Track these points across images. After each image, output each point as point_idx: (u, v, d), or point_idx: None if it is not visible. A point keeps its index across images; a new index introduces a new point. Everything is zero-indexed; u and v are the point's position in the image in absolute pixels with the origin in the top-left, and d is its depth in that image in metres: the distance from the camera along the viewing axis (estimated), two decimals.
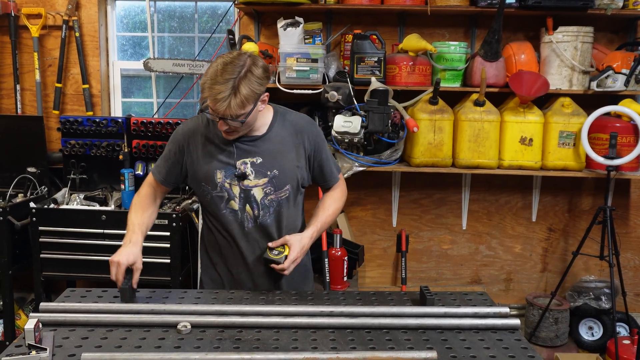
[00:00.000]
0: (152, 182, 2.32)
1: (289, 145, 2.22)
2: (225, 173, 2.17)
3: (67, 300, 2.05)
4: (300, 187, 2.29)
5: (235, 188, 2.18)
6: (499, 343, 1.73)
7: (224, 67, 1.96)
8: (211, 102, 1.99)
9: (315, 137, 2.28)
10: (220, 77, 1.95)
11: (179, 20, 4.38)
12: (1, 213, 3.56)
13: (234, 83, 1.94)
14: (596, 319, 3.91)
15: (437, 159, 3.64)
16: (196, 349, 1.66)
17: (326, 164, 2.32)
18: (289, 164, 2.21)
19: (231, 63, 1.97)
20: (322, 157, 2.30)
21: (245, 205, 2.19)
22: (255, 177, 2.17)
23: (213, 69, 1.98)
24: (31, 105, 4.25)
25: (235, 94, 1.95)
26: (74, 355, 1.60)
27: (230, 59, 1.99)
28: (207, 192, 2.21)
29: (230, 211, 2.20)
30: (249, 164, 2.18)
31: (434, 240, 4.27)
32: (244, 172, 2.17)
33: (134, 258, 2.07)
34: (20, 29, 4.15)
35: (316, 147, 2.27)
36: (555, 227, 4.23)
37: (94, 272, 3.62)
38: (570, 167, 3.66)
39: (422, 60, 3.67)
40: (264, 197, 2.19)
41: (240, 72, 1.96)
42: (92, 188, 4.02)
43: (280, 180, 2.19)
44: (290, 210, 2.26)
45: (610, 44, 3.95)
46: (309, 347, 1.67)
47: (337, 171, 2.39)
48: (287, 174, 2.20)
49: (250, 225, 2.21)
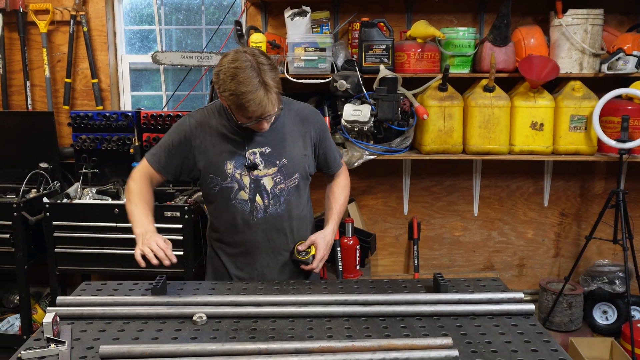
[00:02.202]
0: (148, 170, 2.27)
1: (296, 134, 2.25)
2: (235, 164, 2.19)
3: (83, 293, 2.07)
4: (308, 175, 2.31)
5: (246, 178, 2.19)
6: (514, 328, 1.73)
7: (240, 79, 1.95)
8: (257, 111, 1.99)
9: (320, 126, 2.33)
10: (248, 87, 1.95)
11: (185, 13, 4.37)
12: (15, 209, 3.59)
13: (260, 83, 1.95)
14: (610, 303, 3.90)
15: (447, 146, 3.63)
16: (212, 339, 1.67)
17: (330, 150, 2.38)
18: (297, 152, 2.24)
19: (240, 69, 1.96)
20: (327, 144, 2.36)
21: (255, 195, 2.21)
22: (264, 166, 2.19)
23: (233, 85, 1.96)
24: (41, 101, 4.28)
25: (267, 90, 1.97)
26: (92, 348, 1.62)
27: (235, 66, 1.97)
28: (216, 183, 2.21)
29: (240, 201, 2.21)
30: (258, 154, 2.19)
31: (445, 227, 4.27)
32: (254, 162, 2.18)
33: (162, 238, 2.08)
34: (28, 25, 4.16)
35: (321, 135, 2.32)
36: (567, 211, 4.21)
37: (108, 265, 3.65)
38: (582, 151, 3.63)
39: (431, 46, 3.65)
40: (274, 186, 2.20)
41: (256, 69, 1.96)
42: (104, 182, 4.05)
43: (289, 169, 2.21)
44: (299, 199, 2.28)
45: (621, 25, 3.90)
46: (324, 336, 1.68)
47: (340, 157, 2.46)
48: (295, 162, 2.23)
49: (259, 215, 2.22)
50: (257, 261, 2.28)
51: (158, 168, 2.27)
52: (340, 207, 2.38)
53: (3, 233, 3.64)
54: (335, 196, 2.41)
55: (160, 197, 3.92)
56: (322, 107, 3.66)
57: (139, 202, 2.20)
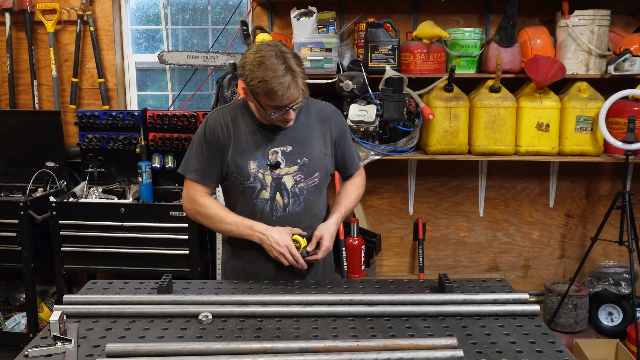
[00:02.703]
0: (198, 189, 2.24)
1: (316, 133, 2.26)
2: (258, 163, 2.19)
3: (89, 292, 2.08)
4: (328, 175, 2.31)
5: (268, 177, 2.19)
6: (519, 329, 1.73)
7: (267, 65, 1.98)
8: (285, 95, 1.99)
9: (340, 125, 2.34)
10: (274, 73, 1.97)
11: (192, 13, 4.39)
12: (22, 207, 3.61)
13: (287, 69, 1.98)
14: (616, 305, 3.89)
15: (453, 147, 3.62)
16: (218, 338, 1.67)
17: (349, 151, 2.38)
18: (318, 151, 2.24)
19: (266, 57, 1.99)
20: (346, 144, 2.36)
21: (275, 194, 2.21)
22: (286, 165, 2.20)
23: (261, 72, 1.98)
24: (48, 101, 4.29)
25: (294, 76, 1.99)
26: (99, 346, 1.63)
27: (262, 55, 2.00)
28: (239, 183, 2.21)
29: (261, 201, 2.21)
30: (279, 152, 2.20)
31: (451, 228, 4.26)
32: (277, 161, 2.19)
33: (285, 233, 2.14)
34: (35, 24, 4.19)
35: (340, 134, 2.33)
36: (573, 212, 4.20)
37: (114, 264, 3.66)
38: (588, 152, 3.62)
39: (437, 47, 3.65)
40: (294, 185, 2.21)
41: (281, 57, 1.99)
42: (110, 181, 4.06)
43: (310, 168, 2.22)
44: (318, 198, 2.29)
45: (628, 26, 3.89)
46: (329, 336, 1.68)
47: (358, 159, 2.45)
48: (316, 161, 2.23)
49: (279, 214, 2.22)
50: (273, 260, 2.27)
51: (207, 182, 2.25)
52: (349, 203, 2.37)
53: (10, 232, 3.67)
54: (347, 192, 2.40)
55: (165, 196, 3.94)
56: None
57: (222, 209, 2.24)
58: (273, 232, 2.12)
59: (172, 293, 2.02)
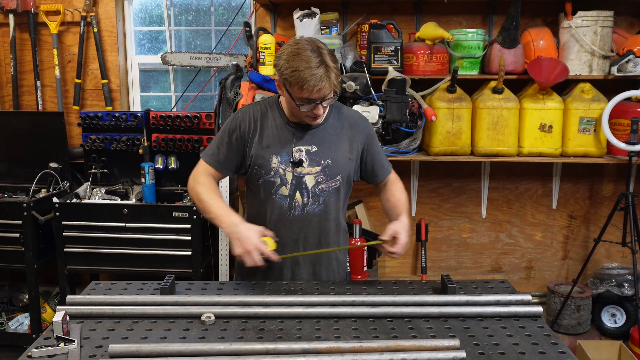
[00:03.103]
0: (208, 169, 2.27)
1: (343, 137, 2.26)
2: (280, 159, 2.20)
3: (92, 293, 2.08)
4: (350, 180, 2.31)
5: (289, 174, 2.20)
6: (521, 330, 1.73)
7: (303, 56, 2.01)
8: (317, 87, 2.01)
9: (369, 132, 2.34)
10: (308, 64, 1.99)
11: (195, 14, 4.39)
12: (25, 208, 3.62)
13: (322, 62, 2.00)
14: (619, 306, 3.88)
15: (455, 148, 3.62)
16: (220, 339, 1.68)
17: (378, 158, 2.37)
18: (342, 155, 2.24)
19: (302, 49, 2.02)
20: (374, 151, 2.35)
21: (295, 192, 2.21)
22: (309, 165, 2.21)
23: (296, 63, 2.00)
24: (51, 102, 4.30)
25: (327, 69, 2.01)
26: (101, 347, 1.63)
27: (299, 47, 2.03)
28: (260, 176, 2.23)
29: (280, 197, 2.22)
30: (304, 151, 2.21)
31: (453, 229, 4.26)
32: (300, 159, 2.20)
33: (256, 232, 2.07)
34: (39, 25, 4.20)
35: (369, 141, 2.33)
36: (576, 214, 4.19)
37: (117, 265, 3.67)
38: (591, 153, 3.62)
39: (440, 48, 3.65)
40: (315, 185, 2.21)
41: (316, 51, 2.02)
42: (113, 182, 4.07)
43: (333, 170, 2.22)
44: (337, 202, 2.28)
45: (631, 27, 3.89)
46: (331, 337, 1.68)
47: (388, 165, 2.43)
48: (339, 164, 2.23)
49: (297, 212, 2.23)
50: (288, 258, 2.28)
51: (217, 166, 2.27)
52: (405, 204, 2.35)
53: (13, 232, 3.67)
54: (396, 197, 2.38)
55: (168, 197, 3.94)
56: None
57: (213, 195, 2.20)
58: (243, 228, 2.07)
59: (175, 294, 2.02)
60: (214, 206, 2.17)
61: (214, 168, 2.27)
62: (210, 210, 2.17)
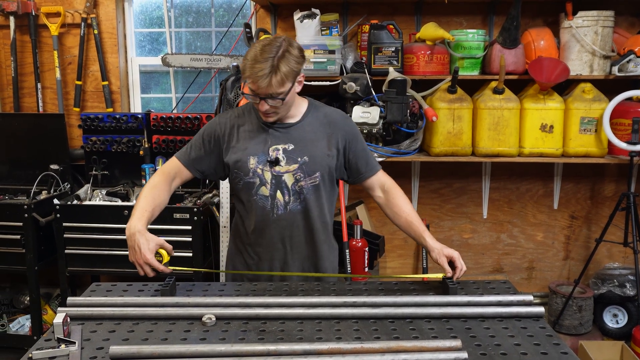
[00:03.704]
0: (174, 167, 2.30)
1: (321, 134, 2.27)
2: (258, 159, 2.22)
3: (93, 294, 2.08)
4: (332, 177, 2.30)
5: (267, 174, 2.22)
6: (523, 331, 1.72)
7: (262, 48, 2.06)
8: (252, 82, 2.07)
9: (349, 130, 2.32)
10: (260, 57, 2.04)
11: (195, 15, 4.39)
12: (26, 210, 3.61)
13: (273, 62, 2.04)
14: (621, 306, 3.87)
15: (456, 148, 3.62)
16: (221, 340, 1.67)
17: (362, 155, 2.34)
18: (320, 151, 2.25)
19: (269, 44, 2.07)
20: (357, 148, 2.32)
21: (276, 191, 2.23)
22: (286, 163, 2.22)
23: (252, 52, 2.07)
24: (52, 103, 4.31)
25: (275, 71, 2.04)
26: (102, 349, 1.63)
27: (268, 41, 2.10)
28: (240, 179, 2.25)
29: (261, 197, 2.24)
30: (280, 150, 2.22)
31: (454, 230, 4.26)
32: (276, 158, 2.21)
33: (154, 244, 2.04)
34: (39, 27, 4.20)
35: (350, 139, 2.31)
36: (577, 214, 4.19)
37: (118, 266, 3.66)
38: (592, 153, 3.61)
39: (440, 49, 3.65)
40: (295, 183, 2.22)
41: (278, 51, 2.05)
42: (114, 184, 4.07)
43: (310, 167, 2.23)
44: (319, 199, 2.27)
45: (632, 27, 3.89)
46: (333, 338, 1.68)
47: (377, 164, 2.39)
48: (317, 161, 2.24)
49: (280, 211, 2.24)
50: (276, 257, 2.30)
51: (187, 163, 2.29)
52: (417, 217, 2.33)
53: (14, 234, 3.67)
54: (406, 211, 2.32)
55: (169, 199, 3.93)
56: None
57: (147, 195, 2.18)
58: (141, 238, 2.02)
59: (176, 295, 2.02)
60: (138, 205, 2.14)
61: (183, 164, 2.30)
62: (135, 205, 2.16)
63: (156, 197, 2.19)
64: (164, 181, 2.25)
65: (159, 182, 2.24)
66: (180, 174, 2.31)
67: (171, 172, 2.29)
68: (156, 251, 2.04)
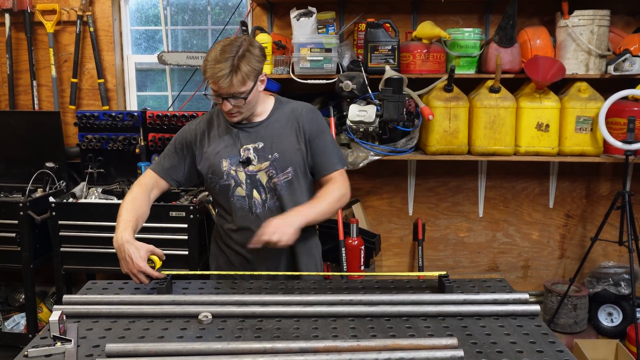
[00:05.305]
0: (151, 178, 2.31)
1: (289, 129, 2.27)
2: (230, 161, 2.25)
3: (89, 292, 2.08)
4: (304, 171, 2.30)
5: (241, 174, 2.24)
6: (519, 329, 1.73)
7: (222, 48, 2.08)
8: (213, 82, 2.08)
9: (315, 123, 2.30)
10: (220, 57, 2.05)
11: (191, 13, 4.39)
12: (21, 208, 3.61)
13: (233, 61, 2.05)
14: (615, 305, 3.89)
15: (452, 147, 3.62)
16: (218, 338, 1.67)
17: (325, 150, 2.30)
18: (290, 146, 2.25)
19: (229, 44, 2.09)
20: (321, 143, 2.29)
21: (252, 190, 2.25)
22: (258, 161, 2.24)
23: (213, 53, 2.09)
24: (48, 101, 4.29)
25: (235, 71, 2.05)
26: (98, 346, 1.63)
27: (229, 41, 2.11)
28: (216, 183, 2.28)
29: (239, 198, 2.26)
30: (251, 149, 2.24)
31: (450, 228, 4.26)
32: (248, 157, 2.24)
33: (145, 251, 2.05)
34: (35, 25, 4.19)
35: (314, 132, 2.28)
36: (573, 213, 4.20)
37: (114, 264, 3.58)
38: (588, 152, 3.62)
39: (436, 47, 3.65)
40: (269, 180, 2.24)
41: (239, 51, 2.07)
42: (110, 182, 4.06)
43: (282, 163, 2.24)
44: (293, 194, 2.27)
45: (627, 26, 3.89)
46: (329, 336, 1.68)
47: (337, 163, 2.31)
48: (287, 156, 2.24)
49: (258, 210, 2.26)
50: (259, 254, 2.29)
51: (162, 174, 2.32)
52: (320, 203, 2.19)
53: (9, 232, 3.66)
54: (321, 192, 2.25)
55: (165, 197, 3.91)
56: (327, 107, 3.67)
57: (129, 207, 2.17)
58: (131, 248, 2.02)
59: (172, 293, 2.02)
60: (121, 217, 2.14)
61: (159, 175, 2.31)
62: (117, 219, 2.15)
63: (138, 209, 2.19)
64: (142, 192, 2.26)
65: (138, 193, 2.25)
66: (157, 184, 2.32)
67: (148, 183, 2.30)
68: (148, 258, 2.05)
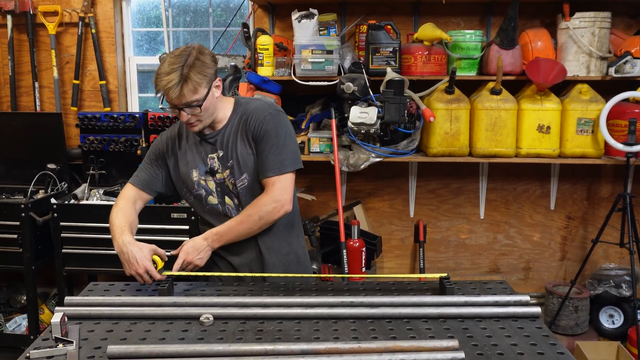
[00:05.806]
0: (131, 192, 2.32)
1: (240, 134, 2.23)
2: (199, 171, 2.27)
3: (90, 294, 2.08)
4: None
5: (211, 183, 2.27)
6: (520, 331, 1.73)
7: (171, 60, 2.06)
8: (165, 94, 2.06)
9: (259, 124, 2.18)
10: (169, 68, 2.03)
11: (193, 15, 4.39)
12: (23, 209, 3.61)
13: (182, 71, 2.02)
14: (617, 307, 3.88)
15: (454, 149, 3.62)
16: (219, 340, 1.67)
17: (261, 154, 2.19)
18: (243, 152, 2.22)
19: (178, 55, 2.07)
20: (260, 147, 2.19)
21: (224, 197, 2.27)
22: (221, 170, 2.25)
23: (162, 65, 2.07)
24: (49, 102, 4.30)
25: (185, 80, 2.02)
26: (100, 348, 1.63)
27: (178, 52, 2.09)
28: (190, 194, 2.32)
29: (212, 206, 2.29)
30: (215, 158, 2.25)
31: (451, 230, 4.26)
32: (212, 167, 2.25)
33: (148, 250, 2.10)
34: (37, 26, 4.19)
35: (257, 135, 2.18)
36: (574, 215, 4.20)
37: (115, 266, 3.61)
38: (589, 154, 3.62)
39: (438, 49, 3.65)
40: (234, 186, 2.25)
41: (187, 60, 2.04)
42: (111, 183, 4.06)
43: (237, 170, 2.23)
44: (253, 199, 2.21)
45: (628, 28, 3.89)
46: (330, 338, 1.68)
47: (270, 170, 2.17)
48: (241, 162, 2.22)
49: (233, 214, 2.27)
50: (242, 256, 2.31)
51: (141, 186, 2.33)
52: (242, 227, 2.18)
53: (11, 233, 3.67)
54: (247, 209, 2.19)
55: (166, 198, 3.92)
56: (328, 109, 3.68)
57: (119, 215, 2.22)
58: (134, 248, 2.07)
59: (174, 295, 2.02)
60: (114, 224, 2.18)
61: (138, 188, 2.33)
62: (111, 229, 2.19)
63: (128, 216, 2.23)
64: (127, 203, 2.29)
65: (124, 204, 2.28)
66: (139, 197, 2.34)
67: (130, 195, 2.32)
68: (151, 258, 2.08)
